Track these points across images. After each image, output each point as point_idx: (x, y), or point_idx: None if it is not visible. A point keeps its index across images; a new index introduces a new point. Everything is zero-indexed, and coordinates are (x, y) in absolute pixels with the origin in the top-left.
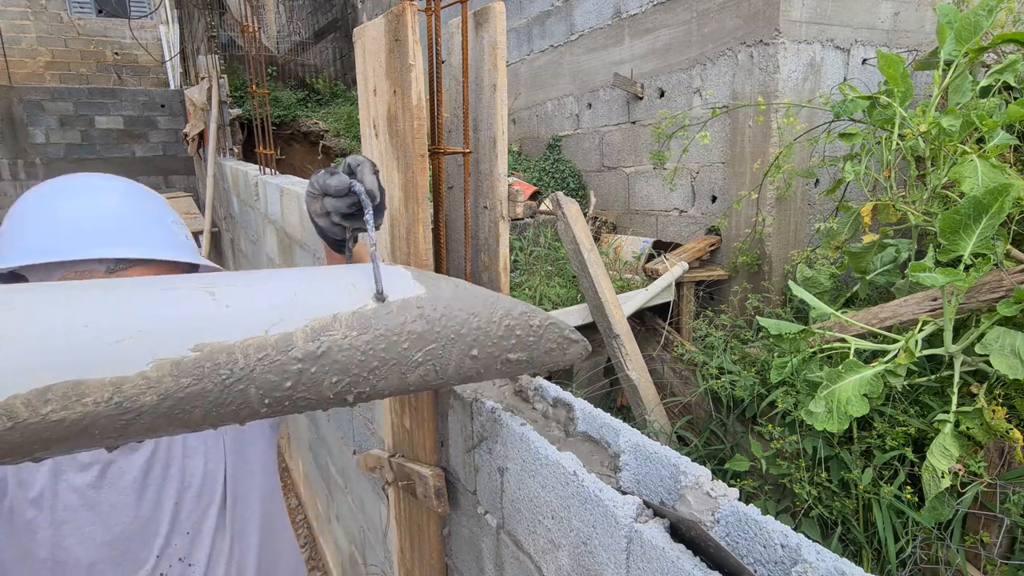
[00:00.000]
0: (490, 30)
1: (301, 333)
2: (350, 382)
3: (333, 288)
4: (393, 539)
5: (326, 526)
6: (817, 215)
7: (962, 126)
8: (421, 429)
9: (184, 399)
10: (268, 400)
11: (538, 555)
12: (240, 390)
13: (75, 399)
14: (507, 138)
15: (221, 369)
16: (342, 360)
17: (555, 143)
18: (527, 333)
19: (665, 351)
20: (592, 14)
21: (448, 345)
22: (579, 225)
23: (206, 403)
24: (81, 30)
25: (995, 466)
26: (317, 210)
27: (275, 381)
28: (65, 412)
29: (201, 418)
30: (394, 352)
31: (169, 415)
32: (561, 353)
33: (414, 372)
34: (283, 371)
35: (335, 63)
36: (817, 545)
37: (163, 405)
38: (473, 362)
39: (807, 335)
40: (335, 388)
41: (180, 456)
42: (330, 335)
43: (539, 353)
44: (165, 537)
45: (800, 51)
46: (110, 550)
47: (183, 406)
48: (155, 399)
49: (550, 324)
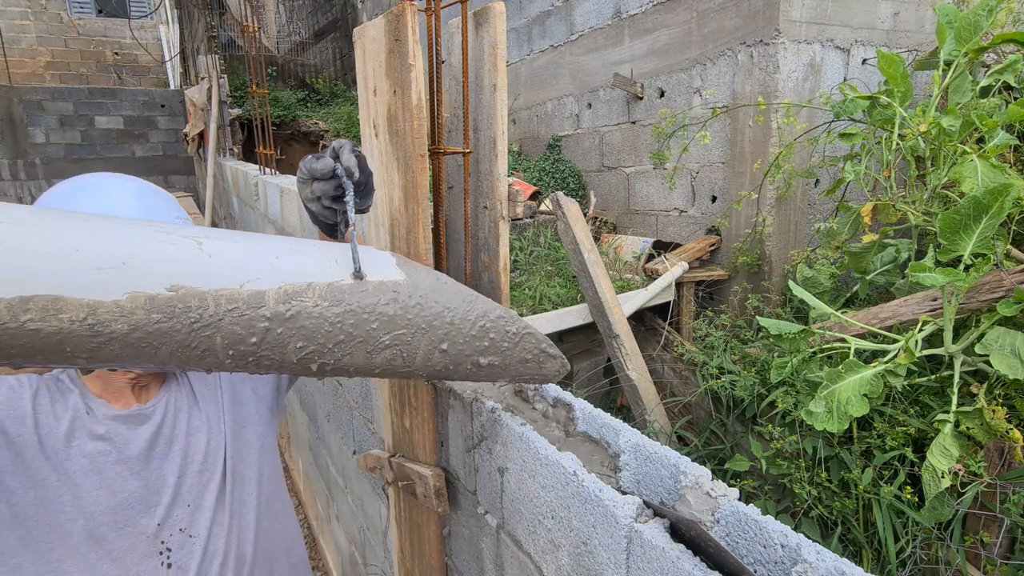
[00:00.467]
0: (490, 30)
1: (274, 294)
2: (315, 350)
3: (315, 259)
4: (393, 539)
5: (326, 526)
6: (817, 215)
7: (962, 126)
8: (421, 429)
9: (152, 334)
10: (232, 352)
11: (538, 555)
12: (207, 336)
13: (52, 313)
14: (507, 138)
15: (191, 312)
16: (309, 327)
17: (555, 143)
18: (502, 338)
19: (665, 351)
20: (592, 14)
21: (418, 334)
22: (579, 225)
23: (172, 342)
24: (81, 30)
25: (995, 466)
26: (308, 195)
27: (241, 334)
28: (42, 323)
29: (167, 356)
30: (362, 330)
31: (136, 346)
32: (537, 366)
33: (380, 354)
34: (250, 326)
35: (335, 63)
36: (817, 545)
37: (132, 335)
38: (442, 356)
39: (807, 335)
40: (299, 353)
41: (184, 434)
42: (301, 301)
43: (513, 361)
44: (167, 508)
45: (800, 51)
46: (113, 515)
47: (151, 340)
48: (125, 328)
49: (527, 333)
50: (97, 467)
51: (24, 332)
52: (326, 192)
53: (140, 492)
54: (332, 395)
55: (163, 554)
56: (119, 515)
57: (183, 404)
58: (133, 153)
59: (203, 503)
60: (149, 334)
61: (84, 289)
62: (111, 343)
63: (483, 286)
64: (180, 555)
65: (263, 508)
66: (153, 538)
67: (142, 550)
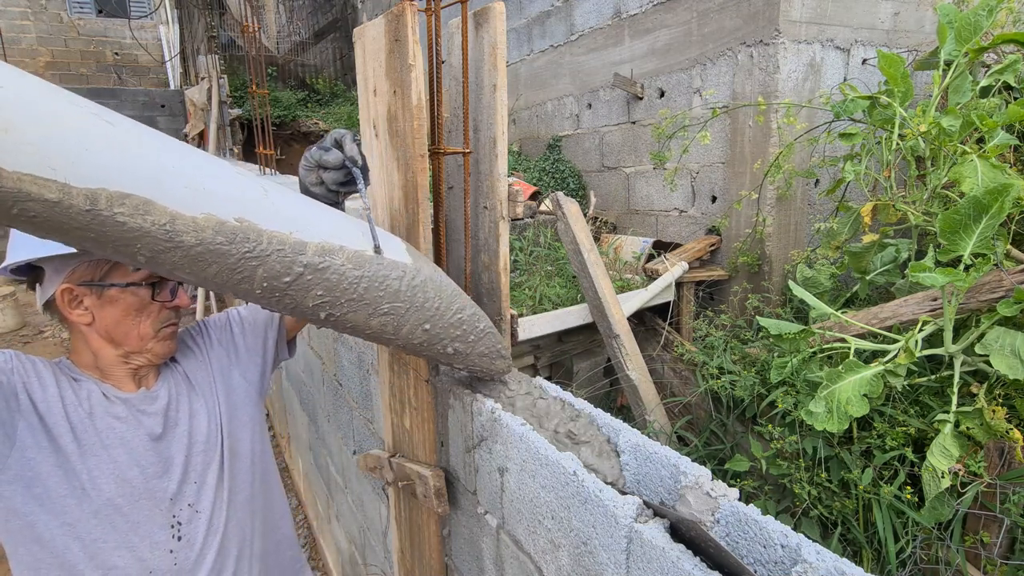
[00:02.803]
0: (490, 30)
1: (314, 247)
2: (329, 301)
3: (346, 228)
4: (393, 539)
5: (326, 526)
6: (817, 215)
7: (962, 126)
8: (421, 429)
9: (212, 252)
10: (266, 285)
11: (538, 555)
12: (252, 266)
13: (142, 212)
14: (507, 138)
15: (248, 243)
16: (332, 281)
17: (555, 143)
18: (471, 331)
19: (665, 351)
20: (592, 14)
21: (411, 310)
22: (579, 225)
23: (224, 264)
24: (81, 30)
25: (995, 466)
26: (313, 180)
27: (279, 272)
28: (129, 219)
29: (213, 274)
30: (370, 295)
31: (195, 259)
32: (489, 362)
33: (377, 318)
34: (289, 268)
35: (335, 63)
36: (817, 545)
37: (195, 249)
38: (423, 334)
39: (807, 335)
40: (316, 300)
41: (187, 416)
42: (332, 258)
43: (474, 353)
44: (178, 483)
45: (800, 51)
46: (135, 486)
47: (208, 258)
48: (192, 241)
49: (490, 332)
50: (124, 439)
51: (112, 222)
52: (335, 180)
53: (158, 466)
54: (332, 395)
55: (174, 527)
56: (136, 489)
57: (182, 389)
58: None
59: (207, 480)
60: (209, 251)
61: (171, 200)
62: (176, 250)
63: (483, 286)
64: (188, 529)
65: (256, 485)
66: (167, 511)
67: (158, 521)
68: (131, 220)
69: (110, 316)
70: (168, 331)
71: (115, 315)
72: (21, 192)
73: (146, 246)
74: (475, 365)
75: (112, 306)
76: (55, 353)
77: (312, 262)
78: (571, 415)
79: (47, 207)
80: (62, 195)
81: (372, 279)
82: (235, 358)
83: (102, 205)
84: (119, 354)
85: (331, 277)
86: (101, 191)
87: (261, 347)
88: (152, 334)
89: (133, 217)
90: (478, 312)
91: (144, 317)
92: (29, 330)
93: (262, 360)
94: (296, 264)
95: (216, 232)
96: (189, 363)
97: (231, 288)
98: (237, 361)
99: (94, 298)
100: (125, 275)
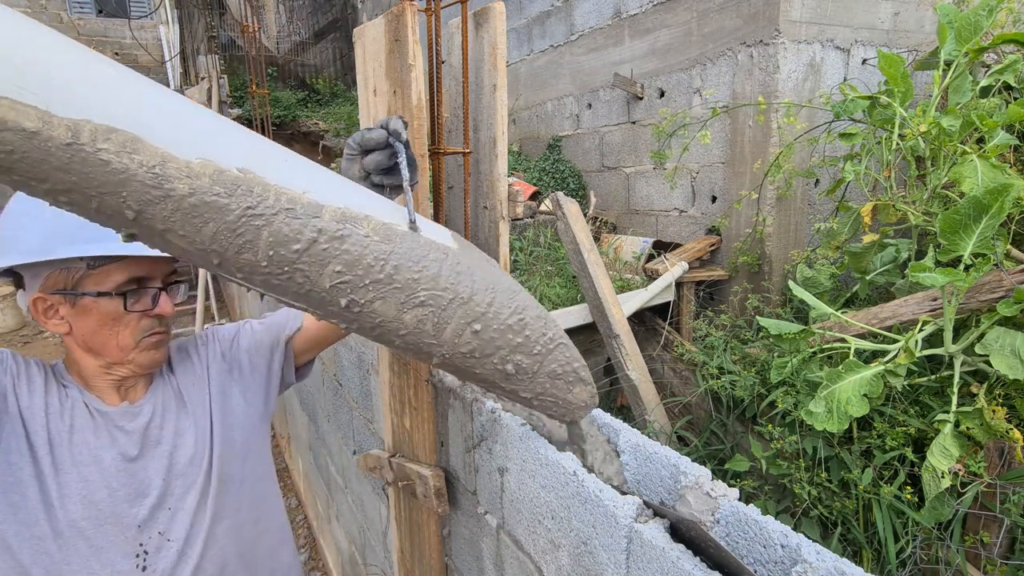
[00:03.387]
0: (490, 30)
1: (331, 211)
2: (351, 281)
3: (378, 203)
4: (393, 539)
5: (326, 526)
6: (817, 215)
7: (962, 126)
8: (421, 429)
9: (208, 205)
10: (272, 254)
11: (538, 555)
12: (255, 227)
13: (128, 151)
14: (507, 138)
15: (251, 197)
16: (354, 254)
17: (555, 143)
18: (536, 339)
19: (665, 351)
20: (592, 14)
21: (455, 303)
22: (579, 225)
23: (222, 222)
24: (81, 30)
25: (995, 466)
26: (356, 173)
27: (288, 236)
28: (114, 157)
29: (210, 237)
30: (401, 276)
31: (188, 213)
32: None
33: (411, 311)
34: (299, 231)
35: (335, 63)
36: (817, 545)
37: (188, 200)
38: (472, 337)
39: (807, 335)
40: (334, 279)
41: (171, 436)
42: (354, 226)
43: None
44: (150, 510)
45: (800, 51)
46: (101, 509)
47: (203, 212)
48: (185, 190)
49: (563, 343)
50: (97, 457)
51: (94, 160)
52: (380, 164)
53: (129, 488)
54: (332, 395)
55: (139, 556)
56: (108, 509)
57: (171, 405)
58: None
59: (184, 505)
60: (205, 204)
61: (162, 140)
62: (166, 201)
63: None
64: (155, 559)
65: (246, 512)
66: (133, 539)
67: (122, 548)
68: (116, 159)
69: (86, 326)
70: (151, 341)
71: (91, 325)
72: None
73: (133, 194)
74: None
75: (87, 316)
76: (55, 354)
77: (328, 228)
78: None
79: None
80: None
81: (404, 257)
82: (237, 375)
83: (85, 139)
84: (100, 365)
85: (352, 248)
86: (85, 123)
87: (266, 367)
88: (132, 344)
89: (119, 156)
90: (545, 315)
91: (121, 327)
92: (29, 330)
93: (266, 382)
94: (308, 229)
95: (213, 181)
96: (185, 376)
97: (232, 258)
98: (240, 378)
99: (69, 307)
100: (97, 283)
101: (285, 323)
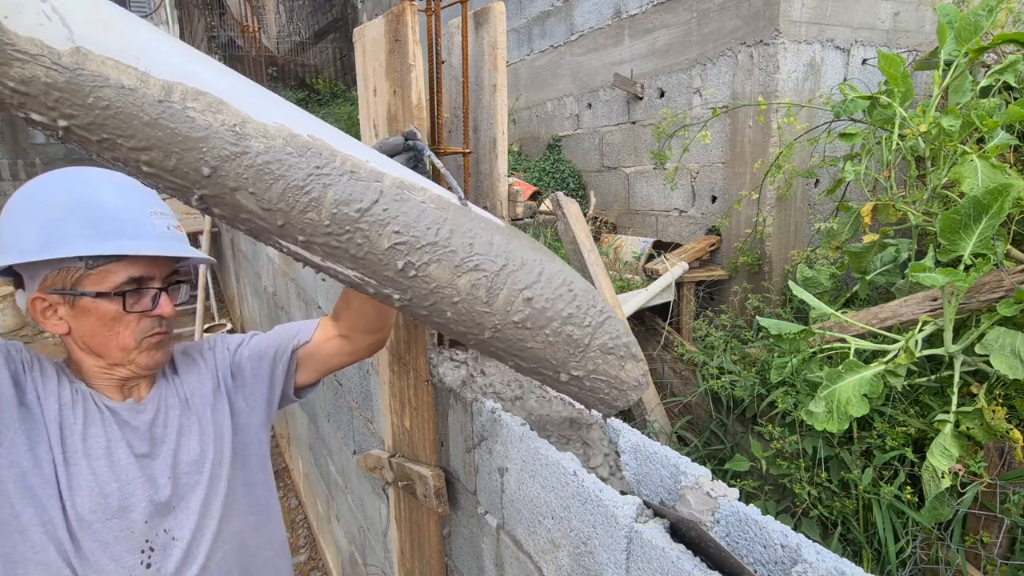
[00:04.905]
0: (490, 30)
1: (392, 178)
2: (408, 242)
3: (431, 184)
4: (393, 539)
5: (326, 526)
6: (817, 215)
7: (962, 126)
8: (421, 429)
9: (280, 162)
10: (335, 212)
11: (538, 555)
12: (322, 185)
13: (214, 111)
14: (507, 138)
15: (319, 159)
16: (412, 215)
17: (555, 143)
18: (587, 310)
19: (665, 351)
20: (592, 14)
21: (507, 268)
22: (579, 225)
23: (290, 181)
24: None
25: (995, 466)
26: None
27: (351, 196)
28: (199, 114)
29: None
30: (456, 240)
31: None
32: (617, 363)
33: (465, 275)
34: (363, 191)
35: (335, 63)
36: (817, 545)
37: (261, 157)
38: (525, 305)
39: (807, 335)
40: (393, 239)
41: (175, 435)
42: (412, 193)
43: (594, 344)
44: (157, 506)
45: (800, 51)
46: (105, 504)
47: (274, 169)
48: (260, 147)
49: (612, 317)
50: (108, 451)
51: (182, 116)
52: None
53: (139, 483)
54: (332, 395)
55: (145, 552)
56: (117, 503)
57: (174, 406)
58: None
59: (189, 505)
60: (277, 161)
61: (244, 106)
62: (242, 157)
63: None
64: (160, 556)
65: (249, 517)
66: (140, 535)
67: (127, 544)
68: (201, 116)
69: (86, 326)
70: (152, 341)
71: (90, 325)
72: (101, 76)
73: (212, 150)
74: (597, 373)
75: (86, 316)
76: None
77: (389, 191)
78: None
79: (121, 94)
80: (139, 82)
81: (459, 223)
82: (241, 381)
83: (176, 98)
84: (101, 365)
85: (410, 211)
86: (178, 84)
87: (269, 375)
88: (133, 345)
89: (204, 114)
90: (592, 288)
91: (122, 327)
92: (29, 330)
93: (268, 390)
94: (371, 191)
95: (286, 142)
96: (190, 379)
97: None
98: (243, 385)
99: (68, 307)
100: (96, 284)
101: (296, 333)
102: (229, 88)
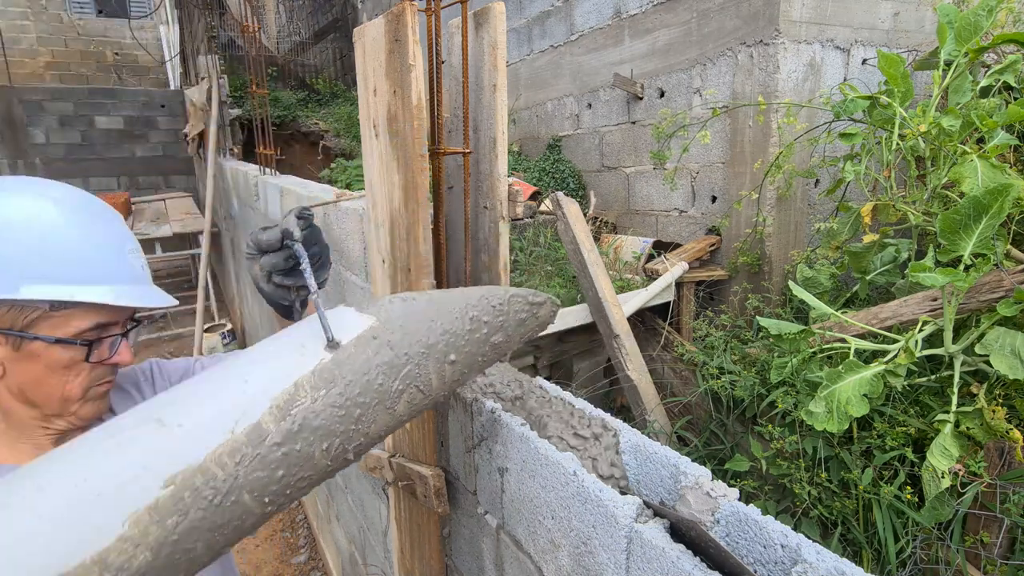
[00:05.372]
0: (490, 30)
1: (269, 417)
2: (341, 442)
3: (283, 355)
4: (393, 539)
5: (326, 526)
6: (817, 215)
7: (962, 126)
8: (421, 429)
9: (180, 539)
10: (267, 498)
11: (538, 555)
12: (233, 501)
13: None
14: (507, 138)
15: (204, 491)
16: (323, 424)
17: (555, 143)
18: (494, 315)
19: (665, 351)
20: (592, 14)
21: (422, 361)
22: (579, 225)
23: (204, 532)
24: (81, 30)
25: (995, 466)
26: (258, 273)
27: (264, 477)
28: None
29: (206, 549)
30: (371, 393)
31: (172, 563)
32: (533, 319)
33: (399, 402)
34: (268, 464)
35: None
36: (817, 545)
37: (161, 556)
38: (454, 367)
39: (807, 335)
40: (329, 454)
41: None
42: (300, 405)
43: (512, 327)
44: None
45: (800, 51)
46: None
47: (182, 546)
48: (150, 555)
49: (512, 296)
50: None
51: None
52: (276, 266)
53: None
54: None
55: None
56: None
57: None
58: (133, 153)
59: None
60: (176, 542)
61: (80, 548)
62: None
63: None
64: None
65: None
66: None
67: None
68: None
69: (28, 373)
70: (100, 391)
71: (35, 372)
72: None
73: None
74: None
75: (32, 362)
76: None
77: (283, 431)
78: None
79: None
80: None
81: (358, 379)
82: None
83: None
84: (35, 416)
85: (318, 424)
86: None
87: None
88: (79, 395)
89: None
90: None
91: (73, 376)
92: None
93: None
94: (271, 453)
95: (161, 521)
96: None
97: (238, 535)
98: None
99: (9, 348)
100: (55, 327)
101: None
102: (50, 545)
